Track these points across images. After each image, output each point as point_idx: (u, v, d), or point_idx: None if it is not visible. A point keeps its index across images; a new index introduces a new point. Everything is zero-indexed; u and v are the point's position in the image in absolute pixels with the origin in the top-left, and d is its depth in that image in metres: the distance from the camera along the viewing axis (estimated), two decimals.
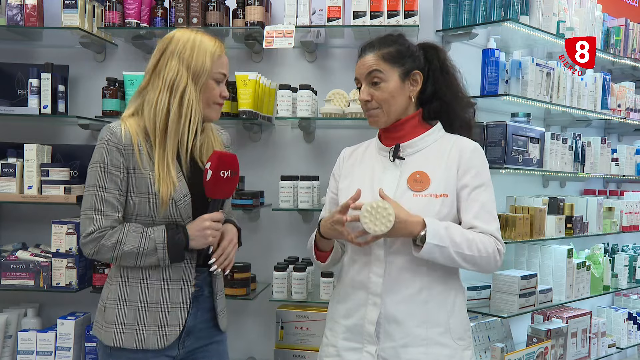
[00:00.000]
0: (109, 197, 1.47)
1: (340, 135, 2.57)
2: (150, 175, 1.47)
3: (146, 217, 1.50)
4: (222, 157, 1.49)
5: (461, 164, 1.51)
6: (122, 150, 1.47)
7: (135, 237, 1.46)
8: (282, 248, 2.59)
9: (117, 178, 1.47)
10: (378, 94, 1.52)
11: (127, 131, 1.48)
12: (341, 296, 1.59)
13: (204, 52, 1.51)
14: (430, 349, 1.47)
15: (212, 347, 1.64)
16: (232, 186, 1.54)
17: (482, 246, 1.44)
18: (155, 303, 1.51)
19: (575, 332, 2.81)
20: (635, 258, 3.18)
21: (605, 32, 3.08)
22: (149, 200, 1.48)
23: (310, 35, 2.51)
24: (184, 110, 1.49)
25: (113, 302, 1.52)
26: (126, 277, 1.52)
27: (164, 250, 1.47)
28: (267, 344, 2.52)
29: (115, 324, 1.50)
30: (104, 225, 1.46)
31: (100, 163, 1.47)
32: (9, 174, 2.36)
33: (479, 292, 2.48)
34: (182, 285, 1.53)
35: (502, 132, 2.37)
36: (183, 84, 1.49)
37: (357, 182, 1.59)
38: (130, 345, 1.49)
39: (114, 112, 2.42)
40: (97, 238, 1.46)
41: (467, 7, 2.50)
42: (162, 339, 1.50)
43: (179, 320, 1.52)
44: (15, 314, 2.49)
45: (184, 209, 1.51)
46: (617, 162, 3.18)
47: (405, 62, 1.54)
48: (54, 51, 2.64)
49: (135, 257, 1.47)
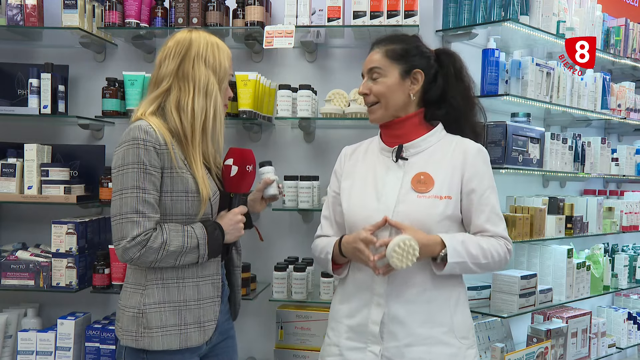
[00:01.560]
0: (149, 198, 1.45)
1: (340, 135, 2.57)
2: (186, 174, 1.49)
3: (182, 215, 1.51)
4: (244, 152, 1.57)
5: (467, 168, 1.52)
6: (158, 150, 1.46)
7: (178, 236, 1.47)
8: (282, 248, 2.59)
9: (155, 179, 1.46)
10: (376, 87, 1.55)
11: (159, 131, 1.48)
12: (344, 296, 1.60)
13: (224, 56, 1.58)
14: (434, 348, 1.48)
15: (228, 341, 1.69)
16: (252, 180, 1.62)
17: (495, 252, 1.50)
18: (193, 300, 1.53)
19: (575, 332, 2.81)
20: (635, 258, 3.18)
21: (605, 32, 3.08)
22: (185, 199, 1.50)
23: (310, 35, 2.51)
24: (218, 113, 1.56)
25: (154, 307, 1.49)
26: (162, 278, 1.51)
27: (205, 247, 1.50)
28: (267, 344, 2.52)
29: (159, 328, 1.49)
30: (148, 228, 1.44)
31: (139, 163, 1.44)
32: (9, 174, 2.36)
33: (479, 292, 2.48)
34: (213, 279, 1.57)
35: (502, 132, 2.37)
36: (214, 88, 1.55)
37: (360, 182, 1.60)
38: (175, 346, 1.50)
39: (114, 112, 2.42)
40: (143, 241, 1.42)
41: (467, 7, 2.50)
42: (202, 335, 1.54)
43: (214, 314, 1.57)
44: (15, 314, 2.48)
45: (215, 205, 1.56)
46: (617, 162, 3.18)
47: (408, 60, 1.55)
48: (54, 51, 2.63)
49: (177, 256, 1.47)
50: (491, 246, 1.49)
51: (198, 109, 1.52)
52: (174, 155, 1.48)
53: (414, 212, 1.48)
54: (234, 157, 1.54)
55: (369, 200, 1.54)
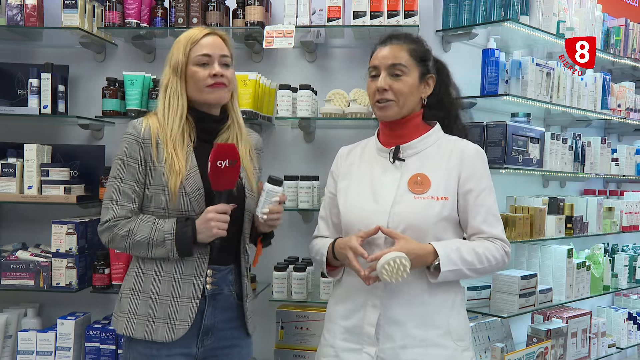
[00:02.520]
0: (124, 187, 1.53)
1: (340, 135, 2.57)
2: (163, 168, 1.52)
3: (159, 209, 1.54)
4: (220, 147, 1.49)
5: (464, 168, 1.52)
6: (141, 143, 1.53)
7: (147, 227, 1.50)
8: (282, 248, 2.59)
9: (135, 170, 1.53)
10: (398, 85, 1.51)
11: (148, 126, 1.55)
12: (340, 297, 1.59)
13: (178, 45, 1.58)
14: (429, 350, 1.47)
15: (235, 349, 1.65)
16: (233, 176, 1.51)
17: (492, 256, 1.49)
18: (166, 296, 1.53)
19: (575, 332, 2.81)
20: (635, 258, 3.18)
21: (605, 32, 3.08)
22: (162, 192, 1.52)
23: (310, 35, 2.51)
24: (167, 101, 1.57)
25: (127, 292, 1.56)
26: (141, 268, 1.56)
27: (171, 242, 1.49)
28: (267, 344, 2.52)
29: (127, 313, 1.54)
30: (118, 215, 1.52)
31: (121, 156, 1.54)
32: (9, 174, 2.36)
33: (479, 292, 2.48)
34: (194, 280, 1.55)
35: (502, 132, 2.37)
36: (166, 81, 1.58)
37: (356, 183, 1.59)
38: (139, 336, 1.52)
39: (114, 112, 2.41)
40: (111, 227, 1.52)
41: (467, 7, 2.50)
42: (170, 333, 1.52)
43: (190, 315, 1.53)
44: (15, 314, 2.48)
45: (196, 202, 1.53)
46: (617, 162, 3.18)
47: (426, 64, 1.56)
48: (54, 51, 2.63)
49: (146, 247, 1.51)
50: (487, 250, 1.48)
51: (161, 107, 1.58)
52: (155, 149, 1.53)
53: (410, 213, 1.47)
54: (211, 154, 1.48)
55: (366, 202, 1.53)
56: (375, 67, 1.54)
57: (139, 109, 2.38)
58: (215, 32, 1.60)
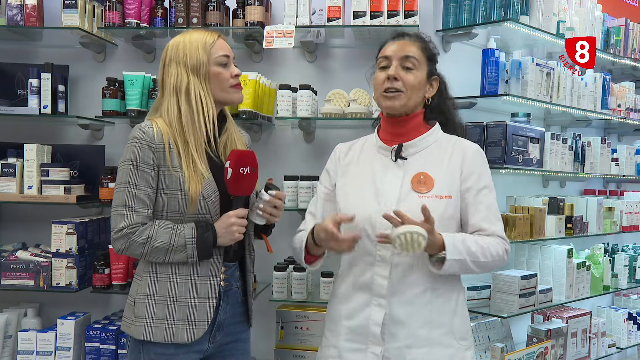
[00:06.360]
0: (139, 193, 1.51)
1: (340, 135, 2.56)
2: (180, 173, 1.51)
3: (175, 213, 1.54)
4: (241, 154, 1.54)
5: (464, 167, 1.53)
6: (153, 148, 1.52)
7: (166, 233, 1.50)
8: (282, 248, 2.58)
9: (148, 175, 1.52)
10: (409, 77, 1.53)
11: (158, 130, 1.53)
12: (342, 297, 1.59)
13: (195, 46, 1.57)
14: (433, 349, 1.48)
15: (239, 344, 1.69)
16: (252, 182, 1.57)
17: (494, 251, 1.49)
18: (184, 298, 1.54)
19: (575, 332, 2.81)
20: (635, 258, 3.18)
21: (605, 32, 3.08)
22: (178, 197, 1.52)
23: (310, 35, 2.51)
24: (193, 105, 1.54)
25: (142, 297, 1.55)
26: (155, 272, 1.55)
27: (192, 248, 1.50)
28: (267, 344, 2.52)
29: (145, 318, 1.53)
30: (135, 222, 1.50)
31: (133, 161, 1.51)
32: (9, 174, 2.36)
33: (479, 292, 2.48)
34: (210, 280, 1.57)
35: (502, 132, 2.37)
36: (185, 83, 1.55)
37: (357, 182, 1.59)
38: (159, 339, 1.52)
39: (113, 112, 2.41)
40: (128, 234, 1.49)
41: (467, 7, 2.50)
42: (191, 334, 1.53)
43: (207, 314, 1.56)
44: (15, 314, 2.49)
45: (212, 205, 1.55)
46: (617, 162, 3.18)
47: (433, 64, 1.60)
48: (54, 51, 2.63)
49: (164, 253, 1.50)
50: (490, 244, 1.49)
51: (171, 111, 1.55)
52: (169, 154, 1.52)
53: (415, 213, 1.47)
54: (230, 160, 1.53)
55: (368, 201, 1.53)
56: (386, 57, 1.56)
57: (139, 109, 2.38)
58: (220, 35, 1.64)
